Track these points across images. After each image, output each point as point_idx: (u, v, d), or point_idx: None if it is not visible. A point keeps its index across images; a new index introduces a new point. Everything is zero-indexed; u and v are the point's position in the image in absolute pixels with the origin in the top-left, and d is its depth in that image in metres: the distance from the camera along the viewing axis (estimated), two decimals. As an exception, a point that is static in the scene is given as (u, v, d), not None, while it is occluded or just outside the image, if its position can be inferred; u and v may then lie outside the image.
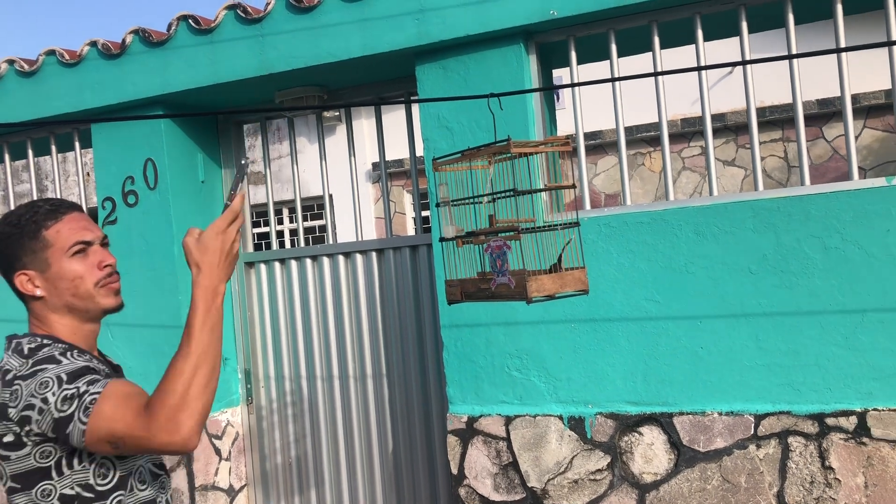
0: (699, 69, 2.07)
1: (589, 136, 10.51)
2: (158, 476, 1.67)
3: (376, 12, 3.36)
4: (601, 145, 10.92)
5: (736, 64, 1.98)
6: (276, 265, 4.17)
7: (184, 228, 3.95)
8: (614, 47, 3.26)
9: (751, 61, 1.94)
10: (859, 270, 2.87)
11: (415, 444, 3.90)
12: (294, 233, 12.01)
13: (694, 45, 3.21)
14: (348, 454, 4.03)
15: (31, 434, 1.45)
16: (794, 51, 3.06)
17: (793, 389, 2.96)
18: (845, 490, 2.86)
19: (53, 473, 1.48)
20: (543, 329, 3.28)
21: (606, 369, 3.21)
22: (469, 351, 3.39)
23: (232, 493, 4.11)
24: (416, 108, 5.03)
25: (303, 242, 4.18)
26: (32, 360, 1.50)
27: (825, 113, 9.95)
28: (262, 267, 4.20)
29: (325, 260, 4.06)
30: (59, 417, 1.42)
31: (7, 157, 4.47)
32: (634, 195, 10.71)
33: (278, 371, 4.18)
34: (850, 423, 2.86)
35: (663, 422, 3.11)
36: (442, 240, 2.16)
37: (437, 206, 2.22)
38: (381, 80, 3.85)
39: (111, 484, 1.53)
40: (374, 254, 3.96)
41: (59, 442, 1.45)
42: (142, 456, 1.59)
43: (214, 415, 4.03)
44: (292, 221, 12.06)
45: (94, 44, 3.90)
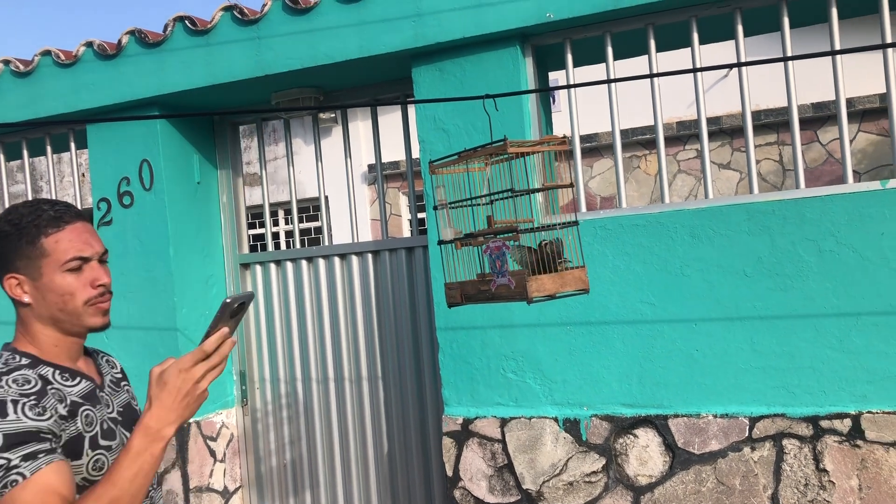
0: (694, 71, 2.08)
1: (584, 138, 10.53)
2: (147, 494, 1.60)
3: (373, 14, 3.37)
4: (597, 148, 10.93)
5: (731, 66, 1.98)
6: (272, 266, 4.17)
7: (179, 229, 3.94)
8: (610, 50, 3.27)
9: (746, 63, 1.95)
10: (854, 273, 2.88)
11: (410, 446, 3.89)
12: (290, 234, 12.00)
13: (690, 49, 3.22)
14: (343, 456, 4.03)
15: None
16: (789, 54, 3.07)
17: (787, 392, 2.97)
18: (839, 492, 2.87)
19: None
20: (539, 331, 3.29)
21: (602, 371, 3.21)
22: (465, 353, 3.39)
23: (226, 494, 4.10)
24: (412, 110, 5.03)
25: (298, 244, 4.18)
26: None
27: (820, 116, 9.98)
28: (258, 268, 4.20)
29: (321, 261, 4.06)
30: None
31: (2, 157, 4.46)
32: (630, 198, 10.73)
33: (273, 373, 4.17)
34: (845, 425, 2.87)
35: (658, 424, 3.12)
36: (440, 243, 2.15)
37: (435, 208, 2.21)
38: (377, 82, 3.85)
39: None
40: (369, 255, 3.96)
41: None
42: None
43: (209, 416, 4.03)
44: (288, 223, 12.05)
45: (89, 44, 3.90)
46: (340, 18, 3.42)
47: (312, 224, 12.16)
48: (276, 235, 11.83)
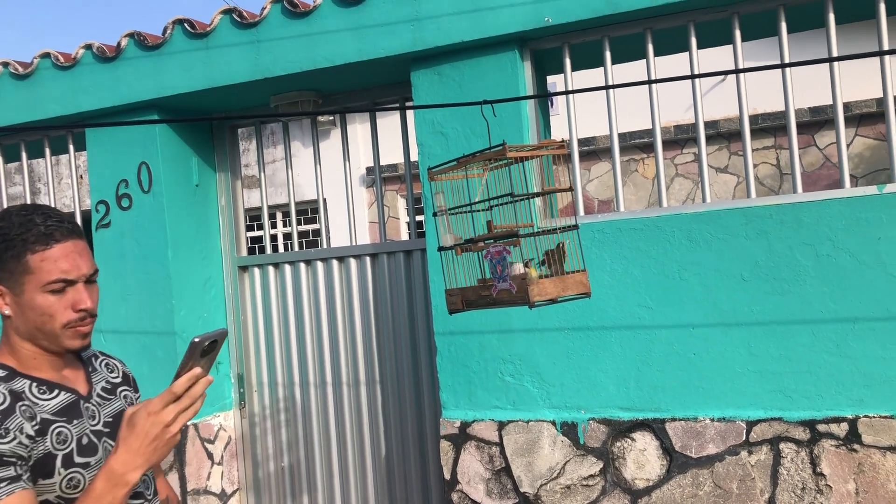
0: (693, 77, 2.08)
1: (582, 142, 10.54)
2: None
3: (372, 18, 3.37)
4: (594, 151, 10.95)
5: (729, 72, 1.99)
6: (270, 269, 4.17)
7: (178, 232, 3.94)
8: (608, 54, 3.28)
9: (744, 70, 1.96)
10: (851, 278, 2.89)
11: (407, 450, 3.90)
12: (288, 237, 12.00)
13: (688, 53, 3.23)
14: (341, 459, 4.03)
15: None
16: (787, 59, 3.08)
17: (784, 396, 2.97)
18: (836, 496, 2.87)
19: None
20: (537, 335, 3.29)
21: (599, 375, 3.22)
22: (463, 356, 3.40)
23: (224, 497, 4.10)
24: (410, 114, 5.04)
25: (297, 247, 4.18)
26: None
27: (817, 121, 10.00)
28: (256, 271, 4.20)
29: (319, 264, 4.06)
30: None
31: (0, 159, 4.45)
32: (627, 201, 10.74)
33: (271, 376, 4.17)
34: (842, 429, 2.87)
35: (656, 428, 3.12)
36: (440, 249, 2.15)
37: (434, 215, 2.21)
38: (376, 86, 3.85)
39: None
40: (368, 258, 3.96)
41: None
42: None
43: (207, 419, 4.03)
44: (286, 225, 12.04)
45: (88, 47, 3.90)
46: (339, 22, 3.42)
47: (311, 227, 12.16)
48: (273, 238, 11.83)
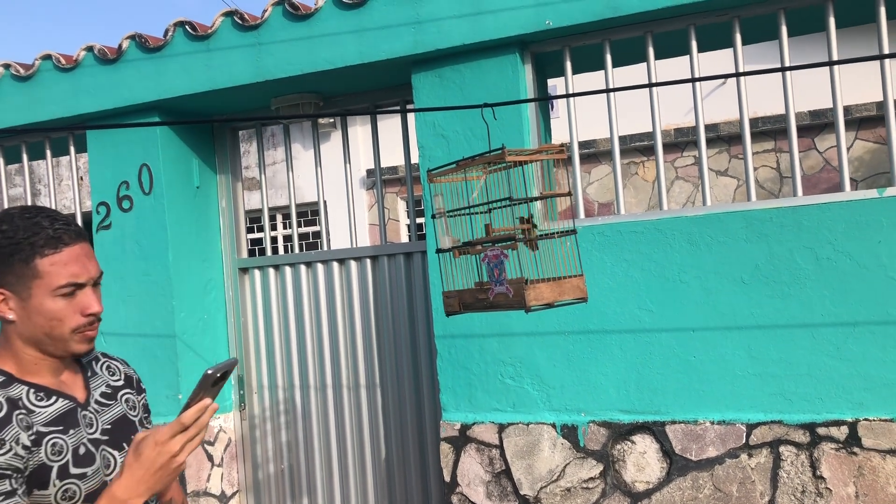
0: (693, 80, 2.09)
1: (582, 144, 10.55)
2: None
3: (373, 20, 3.38)
4: (594, 154, 10.95)
5: (730, 76, 2.00)
6: (271, 271, 4.17)
7: (178, 234, 3.95)
8: (609, 57, 3.28)
9: (745, 73, 1.96)
10: (851, 281, 2.89)
11: (407, 452, 3.90)
12: (288, 239, 12.00)
13: (688, 56, 3.23)
14: (341, 461, 4.03)
15: None
16: (787, 63, 3.08)
17: (784, 399, 2.98)
18: (836, 499, 2.87)
19: None
20: (537, 337, 3.29)
21: (599, 378, 3.22)
22: (463, 358, 3.40)
23: (224, 499, 4.10)
24: (411, 116, 5.05)
25: (297, 248, 4.18)
26: None
27: (817, 124, 10.01)
28: (257, 273, 4.20)
29: (320, 266, 4.07)
30: None
31: (2, 160, 4.46)
32: (627, 204, 10.75)
33: (271, 378, 4.17)
34: (842, 432, 2.88)
35: (656, 430, 3.12)
36: (439, 251, 2.16)
37: (433, 217, 2.22)
38: (377, 88, 3.86)
39: None
40: (368, 261, 3.96)
41: None
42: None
43: (207, 421, 4.02)
44: (286, 227, 12.05)
45: (90, 49, 3.90)
46: (340, 25, 3.43)
47: (311, 229, 12.17)
48: (274, 240, 11.83)
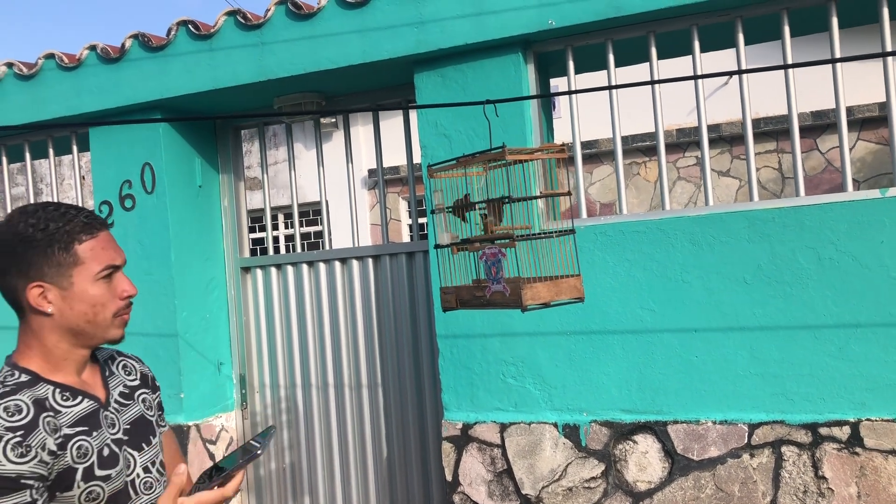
0: (695, 78, 2.09)
1: (584, 145, 10.55)
2: None
3: (375, 20, 3.38)
4: (596, 154, 10.96)
5: (733, 73, 2.00)
6: (273, 270, 4.18)
7: (181, 233, 3.95)
8: (612, 57, 3.28)
9: (747, 70, 1.96)
10: (853, 281, 2.89)
11: (409, 451, 3.90)
12: (289, 238, 12.01)
13: (691, 56, 3.23)
14: (342, 460, 4.03)
15: None
16: (790, 62, 3.08)
17: (786, 399, 2.97)
18: (838, 500, 2.87)
19: None
20: (539, 337, 3.29)
21: (601, 377, 3.22)
22: (465, 358, 3.40)
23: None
24: (413, 115, 5.06)
25: (299, 248, 4.18)
26: None
27: (819, 125, 10.00)
28: (259, 272, 4.20)
29: (322, 266, 4.07)
30: None
31: (4, 159, 4.47)
32: (629, 205, 10.74)
33: (273, 377, 4.18)
34: (844, 432, 2.87)
35: (657, 430, 3.12)
36: (437, 246, 2.16)
37: (433, 212, 2.22)
38: (379, 88, 3.86)
39: None
40: (370, 260, 3.96)
41: None
42: None
43: (209, 419, 4.03)
44: (287, 227, 12.05)
45: (93, 48, 3.91)
46: (343, 24, 3.43)
47: (312, 228, 12.17)
48: (275, 240, 11.84)
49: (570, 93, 2.30)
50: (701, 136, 3.20)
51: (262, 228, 11.93)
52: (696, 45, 3.18)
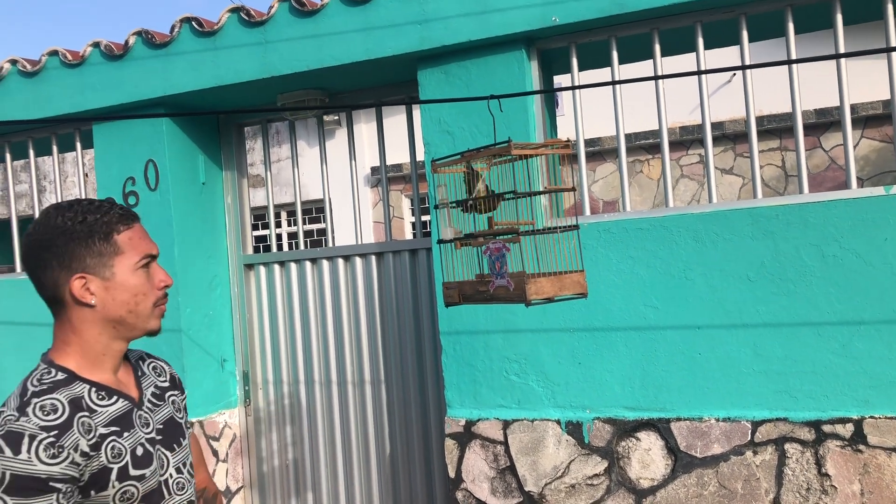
0: (699, 73, 2.09)
1: (587, 142, 10.54)
2: None
3: (379, 17, 3.38)
4: (599, 152, 10.95)
5: (737, 69, 1.99)
6: (276, 267, 4.18)
7: (184, 230, 3.95)
8: (615, 54, 3.28)
9: (751, 66, 1.96)
10: (857, 279, 2.89)
11: (412, 448, 3.90)
12: (292, 236, 12.02)
13: (694, 54, 3.23)
14: (345, 457, 4.03)
15: None
16: (793, 59, 3.07)
17: (790, 396, 2.97)
18: (841, 497, 2.87)
19: None
20: (542, 334, 3.29)
21: (604, 374, 3.22)
22: (468, 355, 3.40)
23: (229, 494, 4.11)
24: (417, 113, 5.05)
25: (302, 246, 4.19)
26: (6, 428, 1.33)
27: (823, 123, 9.99)
28: (262, 269, 4.21)
29: (325, 263, 4.07)
30: None
31: (8, 156, 4.47)
32: (632, 202, 10.73)
33: (276, 373, 4.18)
34: (847, 430, 2.87)
35: (661, 427, 3.12)
36: (440, 241, 2.16)
37: (436, 207, 2.22)
38: (382, 85, 3.86)
39: None
40: (373, 257, 3.96)
41: None
42: None
43: (212, 416, 4.04)
44: (290, 224, 12.06)
45: (96, 45, 3.91)
46: (347, 21, 3.43)
47: (315, 226, 12.18)
48: (278, 237, 11.85)
49: (573, 88, 2.30)
50: (705, 134, 3.20)
51: (265, 226, 11.94)
52: (700, 41, 3.18)
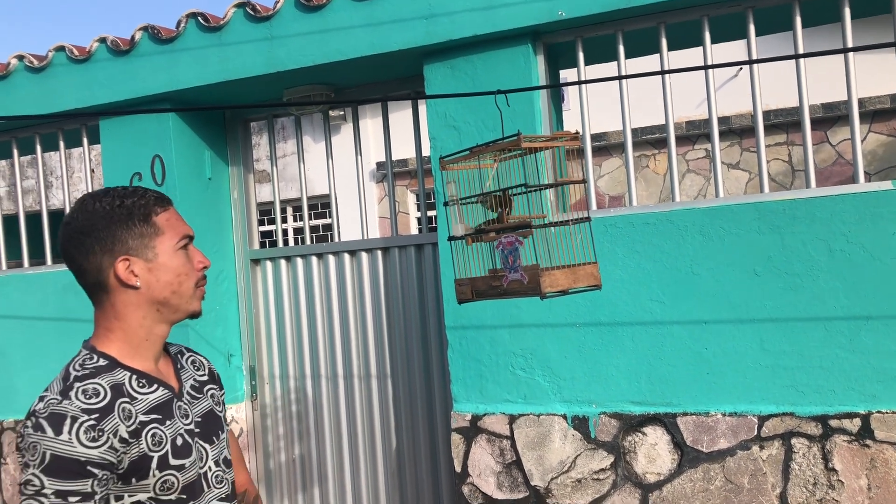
0: (706, 68, 2.08)
1: (593, 137, 10.51)
2: None
3: (385, 11, 3.38)
4: (605, 147, 10.93)
5: (744, 63, 1.99)
6: (282, 263, 4.19)
7: (191, 225, 3.95)
8: (622, 48, 3.27)
9: (758, 60, 1.95)
10: (864, 273, 2.88)
11: (418, 442, 3.91)
12: (298, 231, 12.03)
13: (701, 48, 3.22)
14: (352, 452, 4.04)
15: None
16: (801, 53, 3.06)
17: (796, 391, 2.97)
18: (848, 492, 2.87)
19: None
20: (548, 329, 3.29)
21: (611, 369, 3.22)
22: (474, 350, 3.40)
23: (235, 489, 4.12)
24: (422, 107, 5.05)
25: (308, 241, 4.19)
26: (49, 410, 1.34)
27: (830, 117, 9.95)
28: (268, 264, 4.21)
29: (331, 258, 4.07)
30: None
31: (16, 152, 4.49)
32: (638, 197, 10.72)
33: (283, 368, 4.19)
34: (854, 425, 2.87)
35: (667, 422, 3.12)
36: (451, 238, 2.15)
37: (445, 204, 2.21)
38: (388, 79, 3.86)
39: None
40: (379, 252, 3.97)
41: None
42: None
43: (219, 411, 4.05)
44: (296, 220, 12.08)
45: (103, 40, 3.92)
46: (352, 15, 3.43)
47: (321, 221, 12.19)
48: (284, 233, 11.87)
49: (580, 83, 2.29)
50: (711, 128, 3.19)
51: (272, 221, 11.95)
52: (707, 36, 3.17)
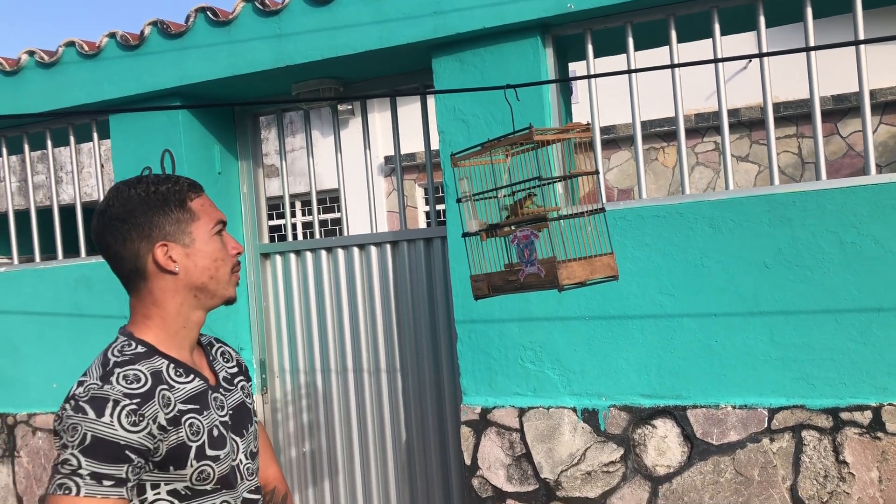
0: (716, 61, 2.07)
1: (602, 130, 10.49)
2: None
3: (393, 5, 3.37)
4: (614, 140, 10.90)
5: (754, 56, 1.98)
6: (292, 257, 4.20)
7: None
8: (631, 41, 3.26)
9: (768, 53, 1.95)
10: (875, 265, 2.87)
11: (428, 436, 3.92)
12: (307, 225, 12.05)
13: (711, 40, 3.21)
14: (362, 445, 4.06)
15: None
16: (811, 45, 3.05)
17: (807, 383, 2.96)
18: (859, 484, 2.86)
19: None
20: (558, 322, 3.30)
21: (620, 362, 3.22)
22: (483, 343, 3.41)
23: (246, 482, 4.14)
24: (431, 101, 5.05)
25: (318, 235, 4.20)
26: (90, 394, 1.34)
27: (840, 109, 9.89)
28: (278, 258, 4.23)
29: (340, 252, 4.08)
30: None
31: (27, 147, 4.51)
32: (648, 190, 10.69)
33: (293, 362, 4.21)
34: (865, 417, 2.86)
35: (677, 415, 3.12)
36: (465, 235, 2.14)
37: (458, 201, 2.20)
38: (397, 73, 3.86)
39: None
40: (388, 246, 3.98)
41: None
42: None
43: (229, 404, 4.07)
44: (305, 214, 12.10)
45: (112, 35, 3.93)
46: (361, 9, 3.43)
47: (330, 215, 12.21)
48: (293, 227, 11.89)
49: (589, 77, 2.29)
50: (721, 121, 3.18)
51: (281, 216, 11.98)
52: (717, 27, 3.16)
